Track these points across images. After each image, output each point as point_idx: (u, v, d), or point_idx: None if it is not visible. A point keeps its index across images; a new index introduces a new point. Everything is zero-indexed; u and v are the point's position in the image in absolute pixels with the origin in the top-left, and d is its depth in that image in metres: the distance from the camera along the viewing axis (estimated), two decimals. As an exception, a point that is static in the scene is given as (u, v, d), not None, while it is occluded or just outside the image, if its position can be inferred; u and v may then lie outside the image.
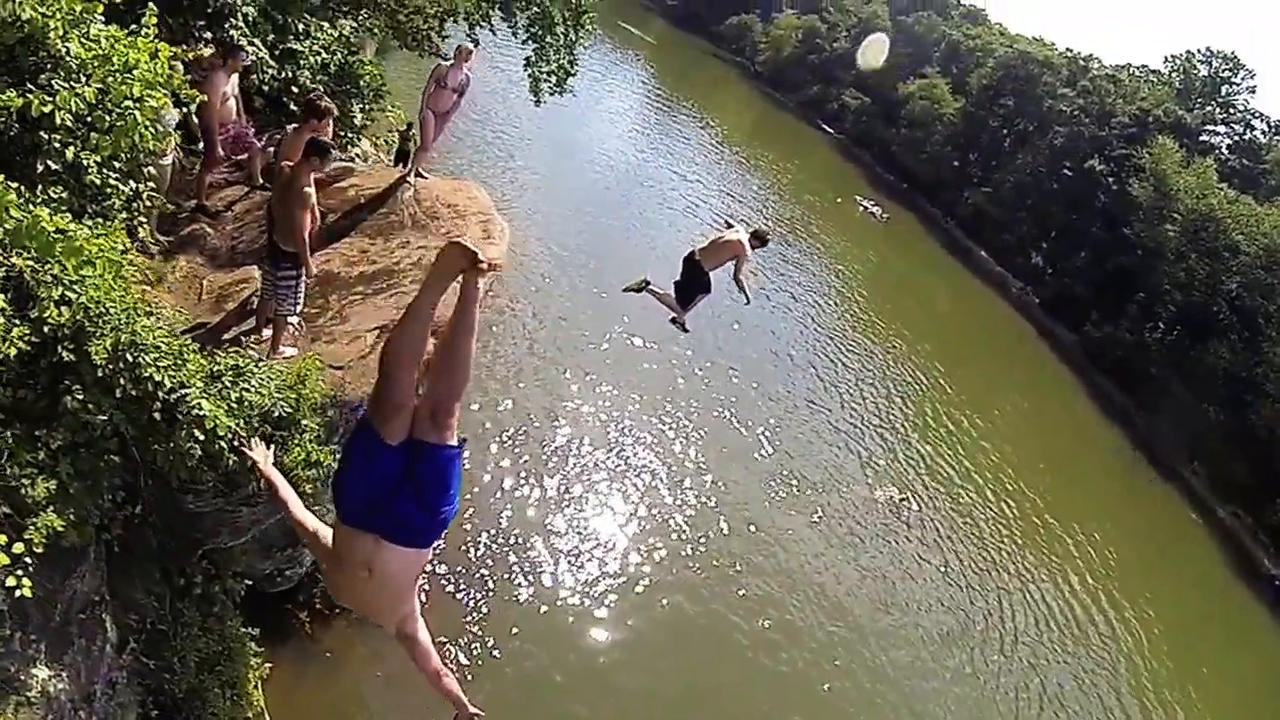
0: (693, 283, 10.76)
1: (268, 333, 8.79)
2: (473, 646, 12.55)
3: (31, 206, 5.77)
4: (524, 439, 17.13)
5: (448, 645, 12.22)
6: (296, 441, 7.39)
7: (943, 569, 20.16)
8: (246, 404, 6.93)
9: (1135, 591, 23.55)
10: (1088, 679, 19.00)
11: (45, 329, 5.69)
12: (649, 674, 13.85)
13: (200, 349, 7.10)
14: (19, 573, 5.32)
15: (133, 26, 6.99)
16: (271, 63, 12.20)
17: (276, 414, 7.23)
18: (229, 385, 6.91)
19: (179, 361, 6.48)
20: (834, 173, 57.71)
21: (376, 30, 18.77)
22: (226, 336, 8.88)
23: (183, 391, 6.39)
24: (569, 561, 15.03)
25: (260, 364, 7.57)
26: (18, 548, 5.32)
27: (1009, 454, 27.70)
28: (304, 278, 8.58)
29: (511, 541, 14.69)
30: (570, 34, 19.82)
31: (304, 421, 7.43)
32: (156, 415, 6.31)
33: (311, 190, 8.27)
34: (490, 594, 13.52)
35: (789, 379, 25.73)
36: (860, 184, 56.31)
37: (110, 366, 6.01)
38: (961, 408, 29.52)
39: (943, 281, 46.27)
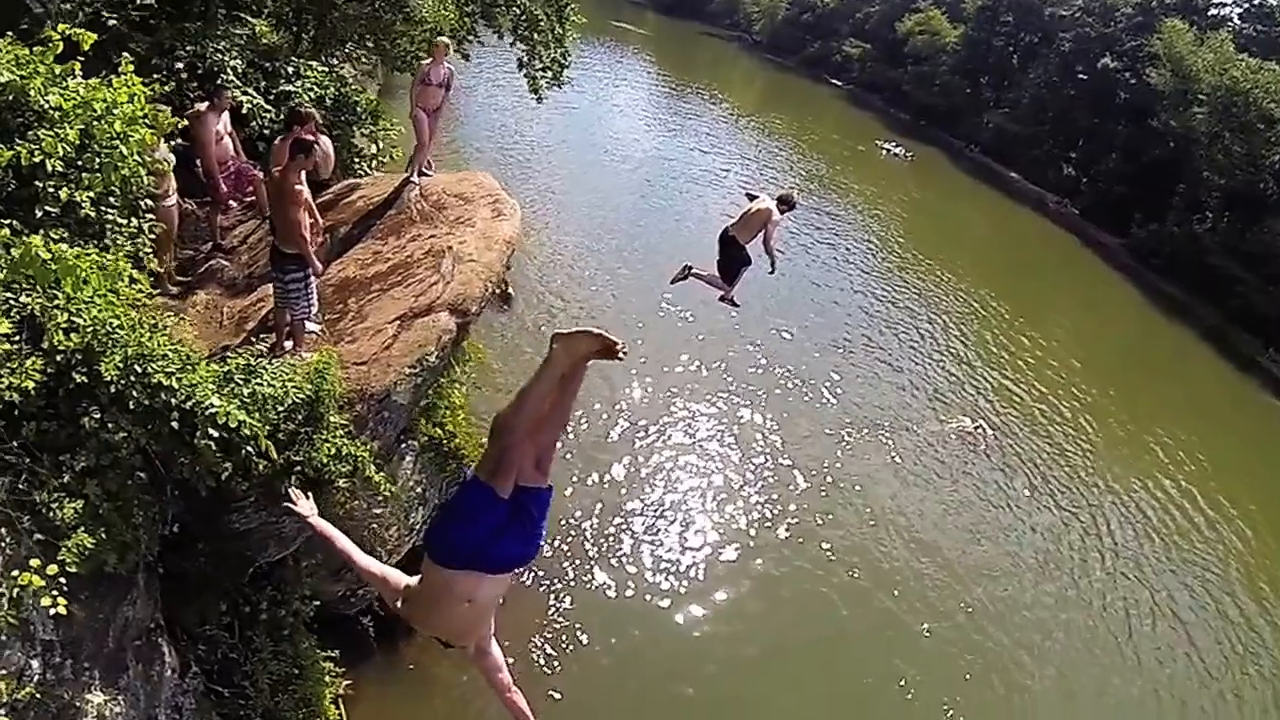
0: (733, 258, 10.87)
1: (290, 344, 8.60)
2: (560, 637, 12.11)
3: (24, 237, 5.84)
4: (586, 427, 16.68)
5: (534, 638, 11.91)
6: (324, 437, 7.27)
7: (1028, 493, 19.32)
8: (260, 397, 6.88)
9: (1232, 489, 22.16)
10: (1198, 586, 17.90)
11: (58, 357, 5.84)
12: (744, 641, 13.27)
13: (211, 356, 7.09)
14: (54, 593, 5.37)
15: (109, 76, 7.05)
16: (268, 108, 12.19)
17: (292, 403, 7.10)
18: (240, 383, 6.89)
19: (187, 366, 6.50)
20: (849, 123, 56.42)
21: (364, 59, 18.72)
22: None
23: (193, 394, 6.35)
24: (647, 541, 14.51)
25: (272, 360, 7.53)
26: (51, 569, 5.39)
27: (1076, 368, 26.60)
28: (311, 278, 8.44)
29: (587, 529, 14.23)
30: (556, 27, 19.55)
31: (330, 417, 7.35)
32: (174, 425, 6.30)
33: (303, 188, 8.16)
34: (571, 583, 13.07)
35: (841, 328, 24.97)
36: (878, 128, 55.00)
37: (122, 381, 6.06)
38: (1020, 329, 28.40)
39: (978, 209, 44.90)
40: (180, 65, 11.15)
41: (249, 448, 6.61)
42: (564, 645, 12.06)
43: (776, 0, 78.75)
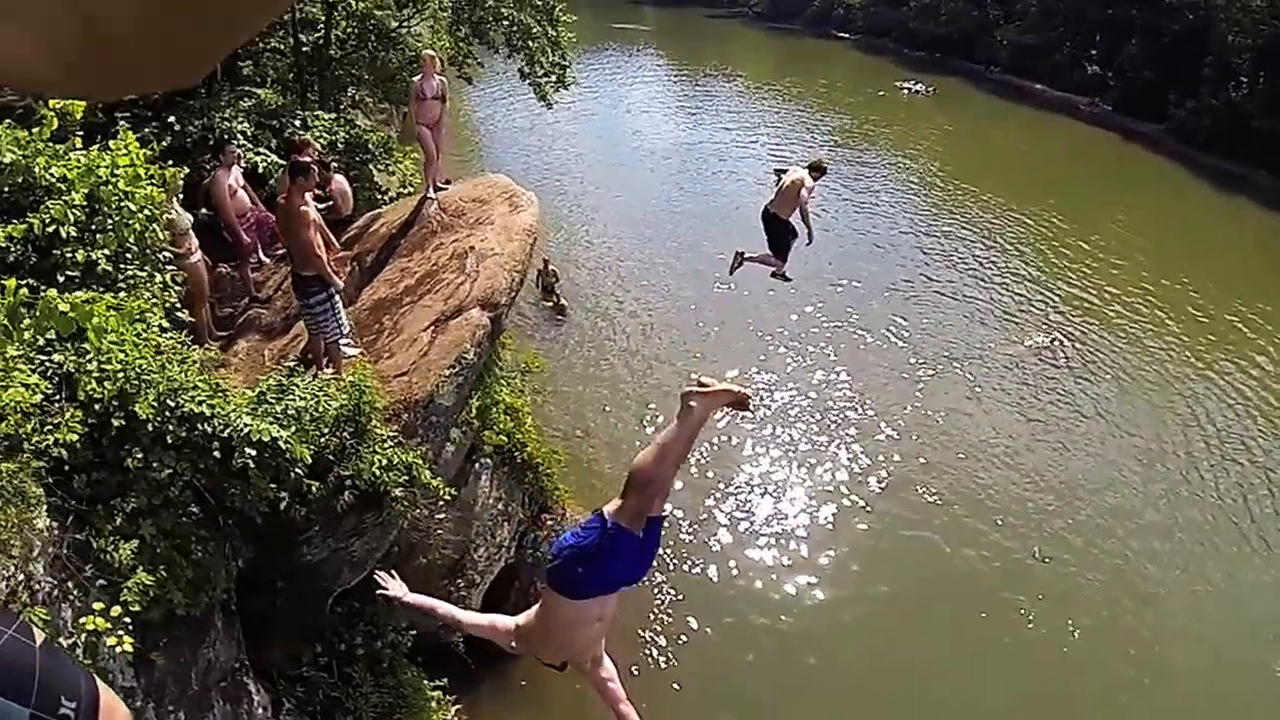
0: (779, 234, 10.99)
1: (329, 368, 8.56)
2: (671, 629, 11.96)
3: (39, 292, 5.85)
4: (663, 419, 16.10)
5: (645, 635, 11.72)
6: (370, 449, 7.25)
7: (1118, 395, 18.52)
8: (294, 412, 6.88)
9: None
10: (1313, 455, 16.96)
11: (96, 406, 5.91)
12: (854, 602, 13.00)
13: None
14: (120, 633, 5.37)
15: (109, 144, 7.27)
16: (281, 162, 12.16)
17: (333, 417, 7.07)
18: (273, 401, 6.93)
19: (218, 394, 6.55)
20: (865, 71, 54.96)
21: (373, 104, 18.84)
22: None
23: (228, 419, 6.37)
24: (741, 518, 14.34)
25: (304, 376, 7.55)
26: (115, 610, 5.42)
27: (1142, 262, 25.51)
28: (336, 297, 8.41)
29: (680, 517, 14.00)
30: (550, 31, 19.36)
31: (375, 428, 7.35)
32: (216, 454, 6.32)
33: (309, 209, 8.16)
34: (673, 573, 12.95)
35: (898, 270, 24.36)
36: (894, 70, 53.33)
37: (158, 419, 6.11)
38: (1078, 236, 27.38)
39: (1011, 127, 43.26)
40: (190, 140, 11.46)
41: (297, 470, 6.61)
42: (676, 637, 11.82)
43: (768, -33, 77.40)
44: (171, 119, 11.66)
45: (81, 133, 7.17)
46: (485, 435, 10.41)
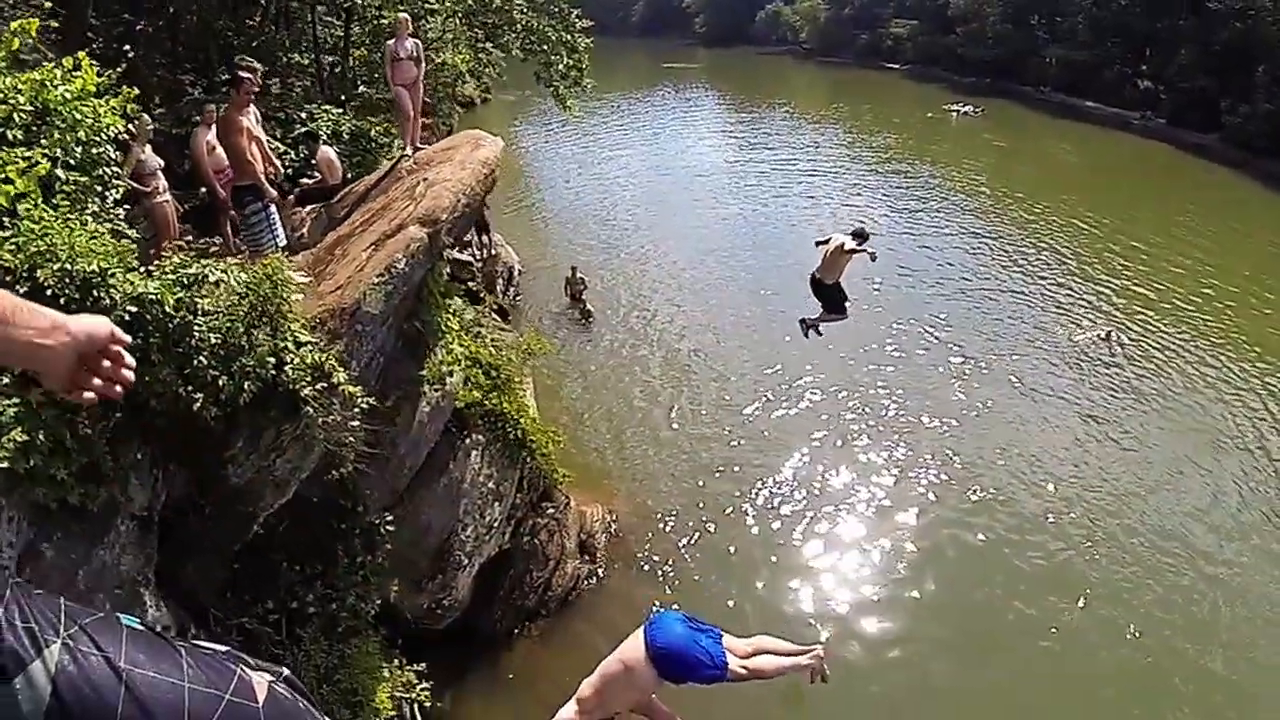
0: (831, 296, 11.38)
1: None
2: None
3: None
4: (741, 467, 14.57)
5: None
6: (282, 344, 6.79)
7: (1181, 385, 17.02)
8: (183, 276, 6.57)
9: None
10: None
11: (8, 277, 5.64)
12: (934, 623, 11.35)
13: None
14: None
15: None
16: (285, 148, 12.49)
17: (243, 302, 6.67)
18: (169, 272, 6.58)
19: (117, 258, 6.20)
20: (916, 98, 53.57)
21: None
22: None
23: (115, 277, 6.05)
24: (815, 554, 12.61)
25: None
26: None
27: (1200, 259, 23.83)
28: (270, 208, 8.35)
29: (747, 563, 12.41)
30: (563, 35, 19.28)
31: (288, 322, 6.94)
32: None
33: (245, 120, 8.28)
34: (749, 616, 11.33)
35: (946, 269, 23.15)
36: (945, 96, 51.92)
37: (59, 284, 5.80)
38: (1134, 237, 25.82)
39: (1064, 142, 41.20)
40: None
41: (201, 358, 6.30)
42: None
43: (814, 3, 76.99)
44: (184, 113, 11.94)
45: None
46: (462, 394, 9.67)
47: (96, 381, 1.54)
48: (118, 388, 1.56)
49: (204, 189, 10.62)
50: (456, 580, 9.64)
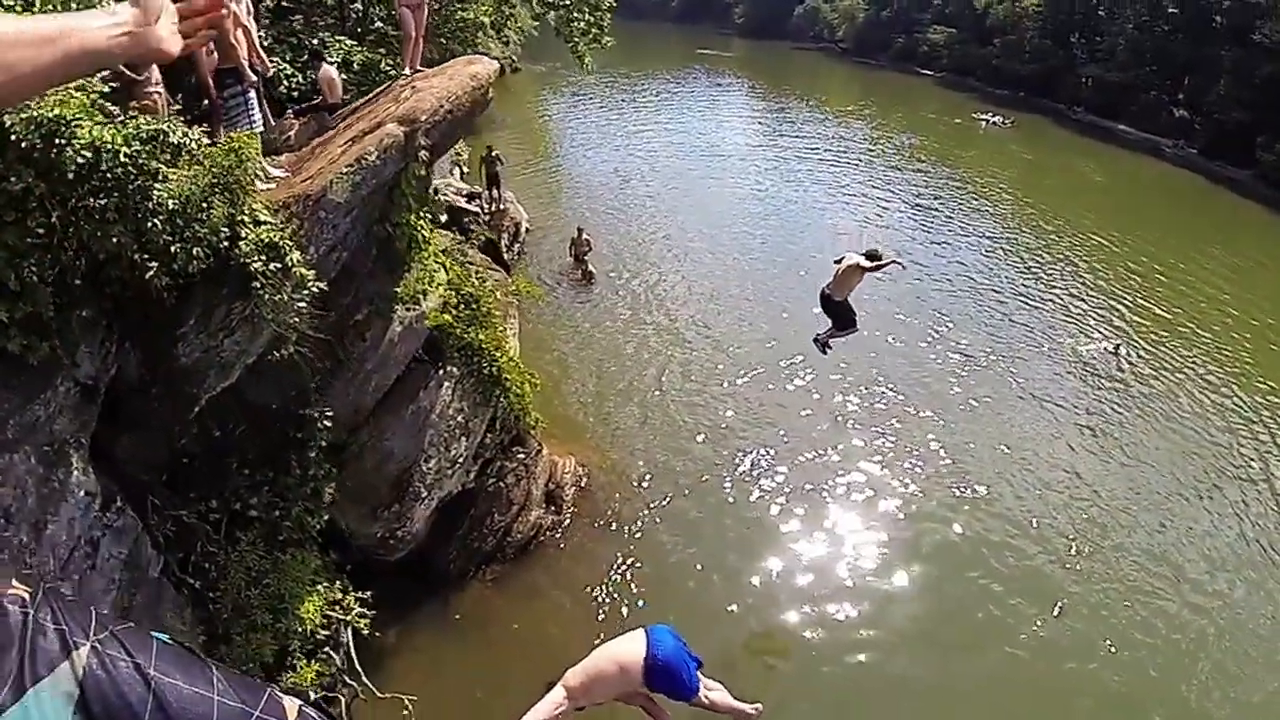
0: (840, 312, 11.46)
1: None
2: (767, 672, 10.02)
3: None
4: (725, 436, 14.23)
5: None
6: (240, 216, 6.59)
7: (1192, 414, 16.37)
8: (143, 131, 6.29)
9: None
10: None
11: None
12: (903, 615, 10.86)
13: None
14: None
15: None
16: (293, 71, 12.34)
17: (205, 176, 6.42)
18: (133, 128, 6.31)
19: (86, 111, 5.97)
20: (946, 104, 52.60)
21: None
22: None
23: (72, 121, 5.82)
24: (790, 532, 12.14)
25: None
26: None
27: (1222, 286, 23.17)
28: (250, 91, 8.11)
29: (750, 572, 11.58)
30: None
31: (247, 198, 6.69)
32: (70, 176, 5.82)
33: (231, 4, 7.94)
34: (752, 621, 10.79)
35: (959, 270, 22.48)
36: (976, 105, 50.96)
37: (25, 133, 5.65)
38: (1154, 260, 25.11)
39: (1092, 162, 40.05)
40: None
41: (155, 221, 6.10)
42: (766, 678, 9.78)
43: (853, 2, 75.93)
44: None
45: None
46: (434, 317, 9.24)
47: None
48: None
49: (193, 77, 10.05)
50: (414, 512, 9.31)
